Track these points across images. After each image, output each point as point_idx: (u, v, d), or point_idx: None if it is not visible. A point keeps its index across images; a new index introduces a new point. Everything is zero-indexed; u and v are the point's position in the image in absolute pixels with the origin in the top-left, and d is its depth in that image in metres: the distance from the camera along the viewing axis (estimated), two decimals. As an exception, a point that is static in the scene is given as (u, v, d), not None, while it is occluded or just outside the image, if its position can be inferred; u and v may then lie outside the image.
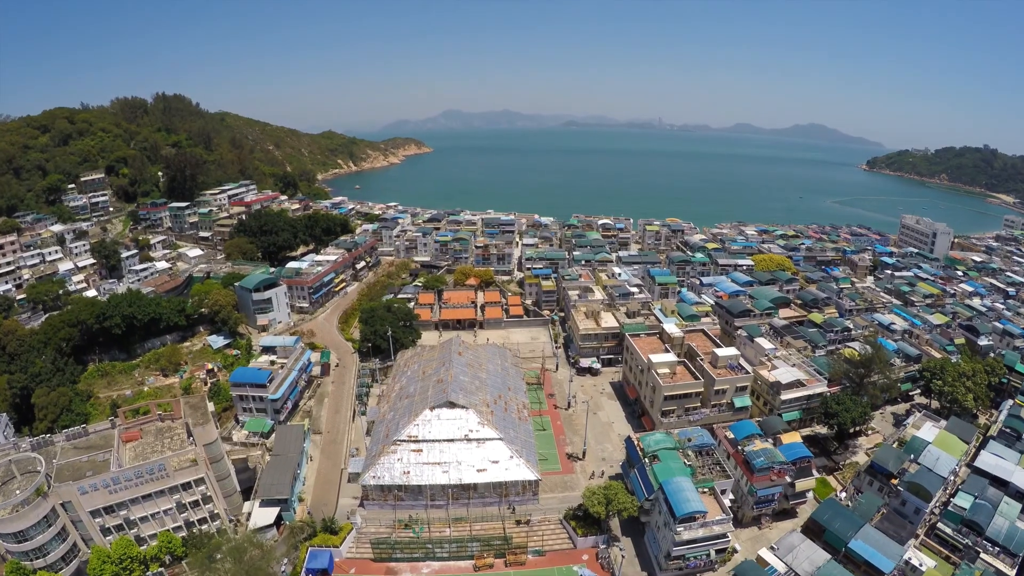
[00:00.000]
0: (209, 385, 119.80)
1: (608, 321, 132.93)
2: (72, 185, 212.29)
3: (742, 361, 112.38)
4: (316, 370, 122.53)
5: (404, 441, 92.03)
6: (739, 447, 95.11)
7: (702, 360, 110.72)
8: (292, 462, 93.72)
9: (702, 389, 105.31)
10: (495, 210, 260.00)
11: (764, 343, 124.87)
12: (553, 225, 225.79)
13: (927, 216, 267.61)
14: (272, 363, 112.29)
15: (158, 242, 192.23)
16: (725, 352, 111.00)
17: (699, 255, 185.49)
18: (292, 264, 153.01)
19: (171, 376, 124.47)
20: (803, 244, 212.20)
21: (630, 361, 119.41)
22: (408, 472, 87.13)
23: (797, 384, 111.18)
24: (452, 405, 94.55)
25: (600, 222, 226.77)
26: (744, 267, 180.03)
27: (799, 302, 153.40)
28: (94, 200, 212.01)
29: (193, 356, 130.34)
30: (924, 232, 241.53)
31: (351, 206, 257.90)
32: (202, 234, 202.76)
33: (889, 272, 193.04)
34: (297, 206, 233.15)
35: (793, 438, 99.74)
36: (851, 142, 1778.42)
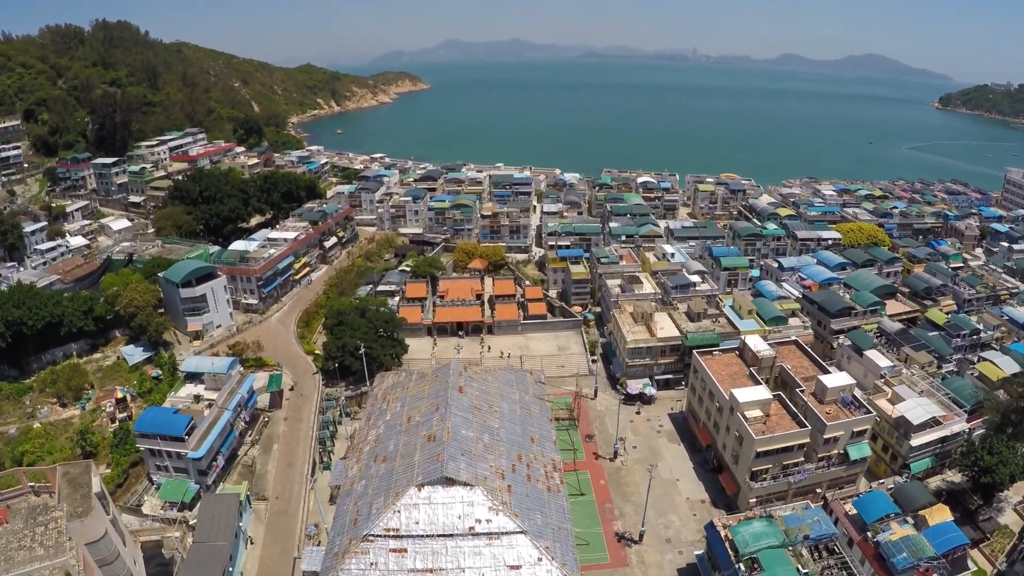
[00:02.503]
0: (117, 422, 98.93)
1: (665, 327, 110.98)
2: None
3: (856, 391, 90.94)
4: (263, 400, 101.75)
5: (379, 536, 68.87)
6: (869, 533, 75.38)
7: (802, 392, 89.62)
8: (222, 554, 73.35)
9: (807, 440, 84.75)
10: (505, 164, 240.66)
11: (878, 358, 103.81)
12: (580, 184, 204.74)
13: (1019, 165, 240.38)
14: (198, 399, 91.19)
15: (77, 209, 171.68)
16: (836, 380, 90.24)
17: (771, 226, 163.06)
18: (237, 245, 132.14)
19: (71, 406, 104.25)
20: (895, 208, 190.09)
21: (698, 388, 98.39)
22: (385, 588, 64.02)
23: (931, 423, 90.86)
24: (450, 482, 71.48)
25: (640, 180, 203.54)
26: (830, 242, 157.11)
27: (906, 291, 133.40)
28: (3, 154, 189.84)
29: (102, 375, 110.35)
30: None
31: (324, 159, 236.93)
32: (132, 199, 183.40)
33: (1006, 245, 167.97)
34: (255, 160, 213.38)
35: (941, 515, 78.39)
36: (913, 75, 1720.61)
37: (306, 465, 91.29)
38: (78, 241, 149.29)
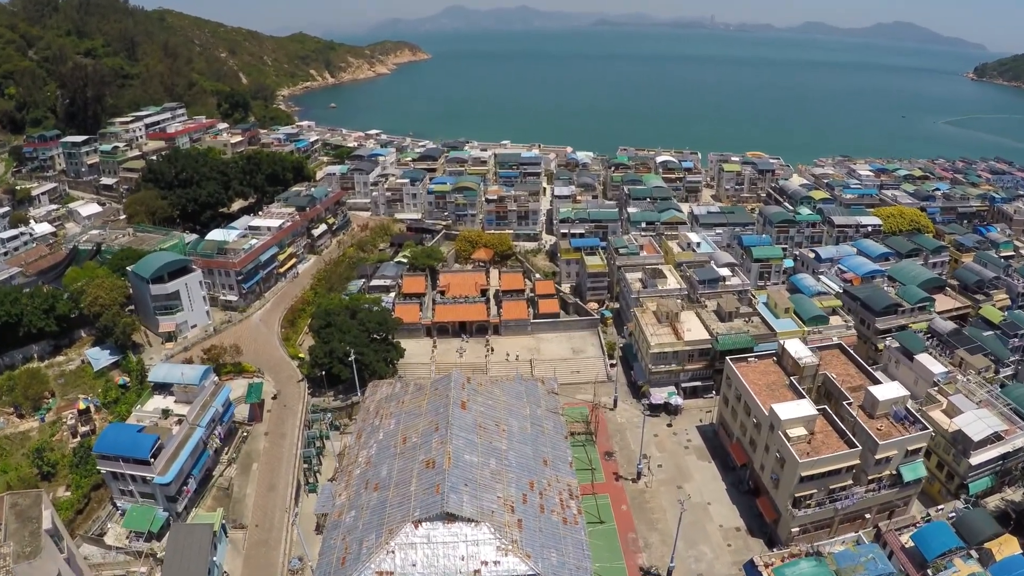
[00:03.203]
0: (79, 437, 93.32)
1: (692, 328, 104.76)
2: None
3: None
4: (242, 411, 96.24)
5: (370, 581, 62.47)
6: (930, 571, 71.14)
7: (849, 405, 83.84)
8: (191, 593, 66.68)
9: (857, 461, 79.15)
10: (512, 141, 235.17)
11: (930, 363, 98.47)
12: (594, 164, 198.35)
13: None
14: (166, 413, 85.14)
15: (44, 193, 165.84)
16: (888, 392, 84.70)
17: (805, 210, 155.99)
18: (214, 235, 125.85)
19: (29, 417, 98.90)
20: (937, 190, 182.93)
21: (732, 400, 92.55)
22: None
23: (992, 438, 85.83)
24: (452, 518, 65.73)
25: (660, 159, 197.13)
26: (870, 228, 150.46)
27: (955, 283, 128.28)
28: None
29: (64, 382, 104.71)
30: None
31: (315, 136, 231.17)
32: (104, 181, 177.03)
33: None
34: (239, 138, 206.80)
35: (1009, 547, 74.20)
36: (945, 44, 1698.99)
37: (289, 488, 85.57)
38: (43, 228, 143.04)
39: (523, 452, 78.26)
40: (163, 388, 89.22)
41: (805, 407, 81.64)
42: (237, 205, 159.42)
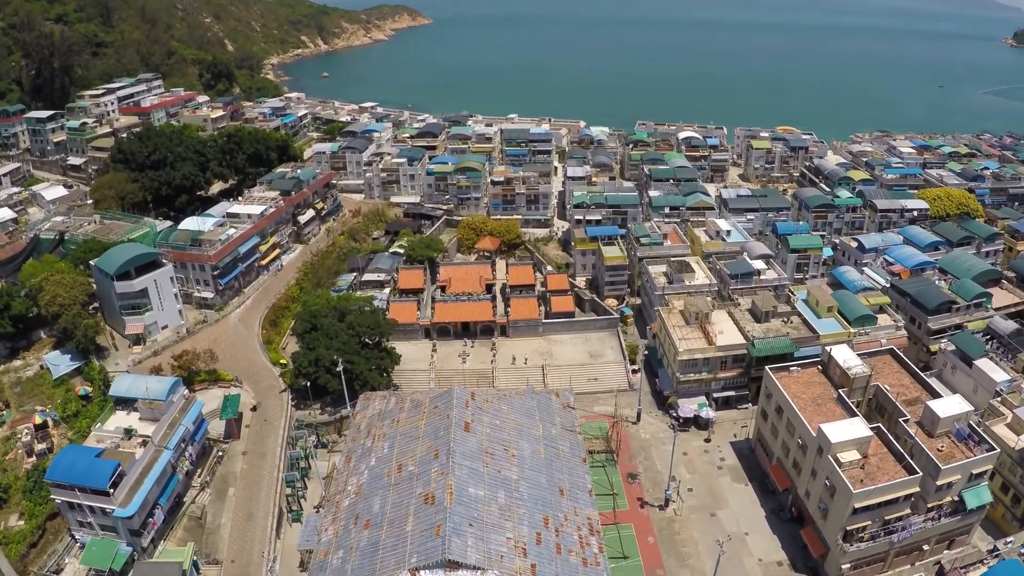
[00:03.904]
0: (35, 457, 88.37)
1: (725, 331, 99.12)
2: None
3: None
4: (217, 426, 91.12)
5: (358, 641, 56.66)
6: None
7: (906, 422, 79.30)
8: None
9: (917, 488, 74.40)
10: (520, 115, 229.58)
11: (992, 369, 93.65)
12: (610, 141, 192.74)
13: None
14: (129, 433, 79.52)
15: (6, 174, 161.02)
16: (949, 407, 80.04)
17: (844, 193, 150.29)
18: (188, 223, 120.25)
19: None
20: (985, 168, 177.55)
21: (772, 415, 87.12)
22: None
23: None
24: (455, 566, 60.73)
25: (682, 135, 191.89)
26: (915, 213, 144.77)
27: (1012, 275, 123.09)
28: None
29: (21, 390, 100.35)
30: None
31: (304, 110, 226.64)
32: (72, 160, 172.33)
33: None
34: (220, 112, 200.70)
35: None
36: (979, 7, 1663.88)
37: (270, 518, 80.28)
38: (3, 214, 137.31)
39: (536, 481, 72.52)
40: (126, 403, 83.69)
41: (858, 427, 76.34)
42: (217, 187, 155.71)
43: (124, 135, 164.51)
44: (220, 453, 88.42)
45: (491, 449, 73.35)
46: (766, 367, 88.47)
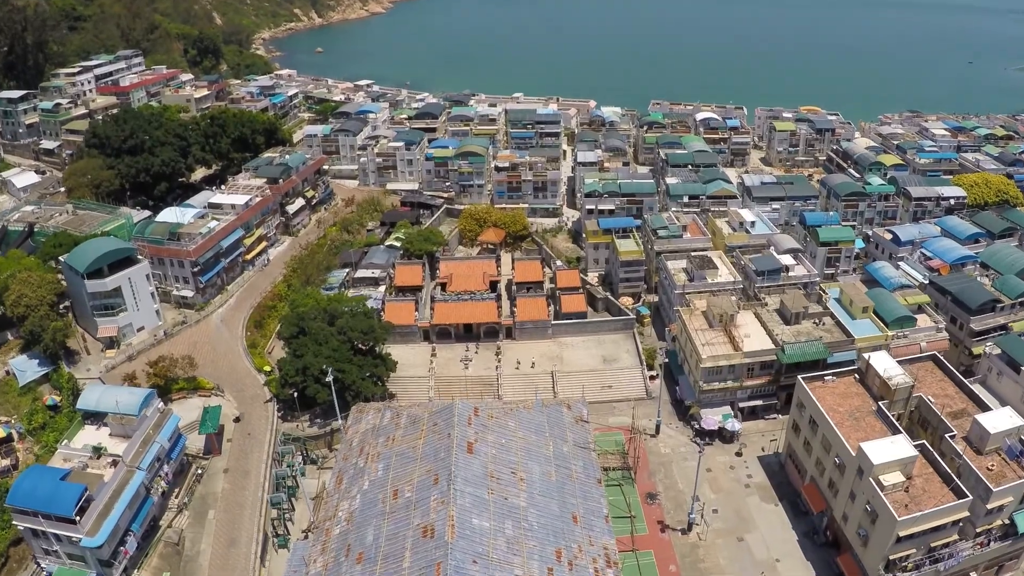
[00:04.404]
0: None
1: (751, 334, 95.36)
2: None
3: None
4: (196, 441, 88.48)
5: None
6: None
7: (952, 438, 76.66)
8: None
9: (966, 513, 71.77)
10: (526, 94, 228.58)
11: None
12: (623, 122, 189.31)
13: None
14: (98, 452, 76.09)
15: None
16: (999, 422, 77.46)
17: (876, 179, 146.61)
18: (166, 215, 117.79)
19: None
20: None
21: (805, 429, 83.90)
22: None
23: None
24: None
25: (700, 116, 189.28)
26: (952, 201, 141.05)
27: None
28: None
29: None
30: None
31: (295, 89, 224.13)
32: (45, 144, 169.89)
33: None
34: (205, 91, 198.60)
35: None
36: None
37: (254, 544, 77.17)
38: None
39: (547, 509, 68.41)
40: (96, 417, 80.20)
41: (902, 446, 73.02)
42: (200, 173, 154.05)
43: (100, 117, 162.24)
44: (199, 471, 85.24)
45: (497, 473, 69.22)
46: (798, 376, 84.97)
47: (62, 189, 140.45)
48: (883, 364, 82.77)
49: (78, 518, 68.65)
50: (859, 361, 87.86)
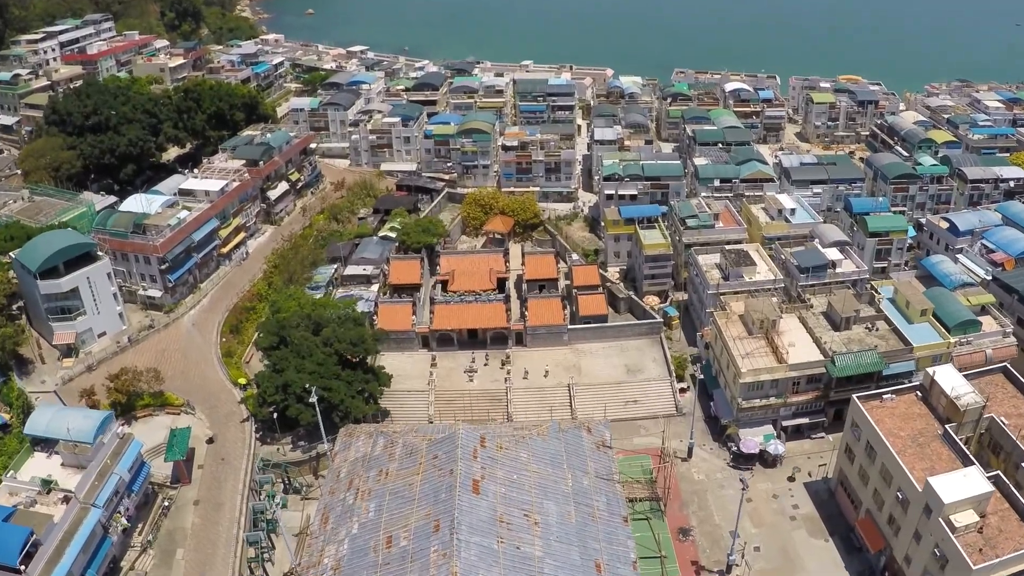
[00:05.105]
0: None
1: (796, 342, 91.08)
2: None
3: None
4: (161, 467, 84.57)
5: None
6: None
7: None
8: None
9: None
10: (536, 62, 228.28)
11: None
12: (644, 94, 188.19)
13: None
14: (48, 486, 71.55)
15: None
16: None
17: (927, 159, 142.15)
18: (131, 204, 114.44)
19: None
20: None
21: (860, 455, 79.80)
22: None
23: None
24: None
25: (729, 86, 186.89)
26: (1011, 183, 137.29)
27: None
28: None
29: None
30: None
31: (280, 57, 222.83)
32: (2, 120, 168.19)
33: None
34: (181, 60, 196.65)
35: None
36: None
37: None
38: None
39: (566, 558, 64.49)
40: (47, 443, 76.05)
41: (976, 480, 68.44)
42: (173, 153, 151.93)
43: (62, 91, 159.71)
44: (166, 502, 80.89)
45: (508, 516, 64.74)
46: (853, 396, 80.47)
47: (18, 172, 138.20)
48: (950, 381, 78.17)
49: (23, 567, 63.88)
50: (920, 375, 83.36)
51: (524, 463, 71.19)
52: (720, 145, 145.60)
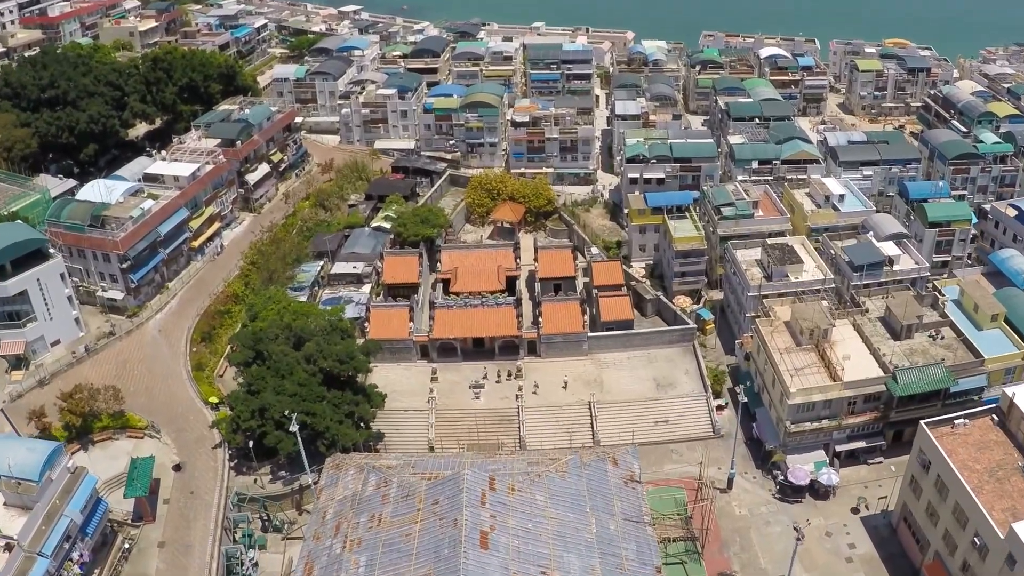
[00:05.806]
0: None
1: (850, 354, 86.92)
2: None
3: None
4: (121, 504, 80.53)
5: None
6: None
7: None
8: None
9: None
10: (548, 25, 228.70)
11: None
12: (669, 61, 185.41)
13: None
14: None
15: None
16: None
17: (989, 136, 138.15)
18: (89, 191, 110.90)
19: None
20: None
21: (928, 489, 75.79)
22: None
23: None
24: None
25: (764, 52, 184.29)
26: None
27: None
28: None
29: None
30: None
31: (263, 19, 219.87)
32: None
33: None
34: (153, 23, 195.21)
35: None
36: None
37: None
38: None
39: None
40: None
41: None
42: (142, 129, 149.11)
43: (17, 58, 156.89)
44: (127, 544, 77.07)
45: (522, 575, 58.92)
46: (921, 423, 76.18)
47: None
48: (1030, 403, 74.03)
49: (-45, 632, 59.89)
50: (995, 391, 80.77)
51: (540, 508, 66.31)
52: (757, 120, 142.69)
